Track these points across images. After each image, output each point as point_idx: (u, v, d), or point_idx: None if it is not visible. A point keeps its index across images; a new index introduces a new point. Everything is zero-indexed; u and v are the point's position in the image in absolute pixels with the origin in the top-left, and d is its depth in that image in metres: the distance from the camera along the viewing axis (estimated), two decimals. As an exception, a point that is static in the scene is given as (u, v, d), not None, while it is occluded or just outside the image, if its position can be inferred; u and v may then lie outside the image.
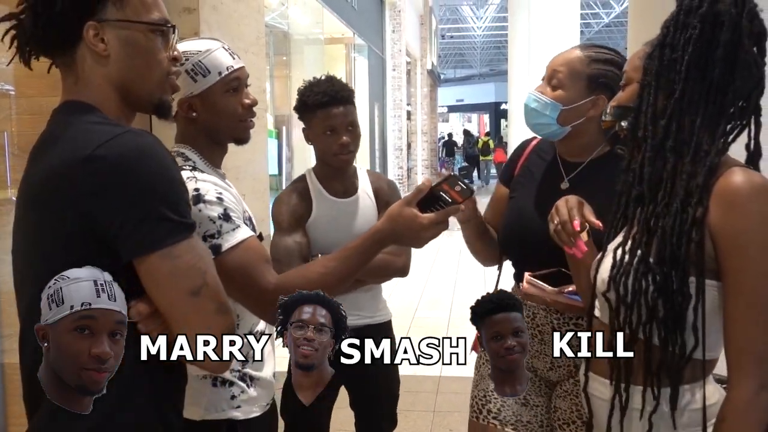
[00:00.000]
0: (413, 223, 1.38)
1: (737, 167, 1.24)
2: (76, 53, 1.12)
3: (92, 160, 0.99)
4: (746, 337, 1.19)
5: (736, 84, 1.24)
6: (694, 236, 1.21)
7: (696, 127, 1.25)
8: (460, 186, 1.37)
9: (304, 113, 2.15)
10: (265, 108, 3.72)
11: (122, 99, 1.14)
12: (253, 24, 3.39)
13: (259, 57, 3.49)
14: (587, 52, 1.79)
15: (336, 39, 9.84)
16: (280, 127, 7.11)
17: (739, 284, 1.19)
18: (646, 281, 1.25)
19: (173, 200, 1.03)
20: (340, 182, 2.20)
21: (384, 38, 12.74)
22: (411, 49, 15.47)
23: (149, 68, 1.16)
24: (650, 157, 1.29)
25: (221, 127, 1.60)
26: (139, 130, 1.07)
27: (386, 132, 12.99)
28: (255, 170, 3.40)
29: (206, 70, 1.56)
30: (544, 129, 1.82)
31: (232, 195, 1.53)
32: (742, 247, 1.19)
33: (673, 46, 1.27)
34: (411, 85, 16.58)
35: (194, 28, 2.72)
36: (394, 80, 13.20)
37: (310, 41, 8.72)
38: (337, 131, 2.09)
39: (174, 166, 1.07)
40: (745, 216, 1.19)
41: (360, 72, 11.00)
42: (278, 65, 7.61)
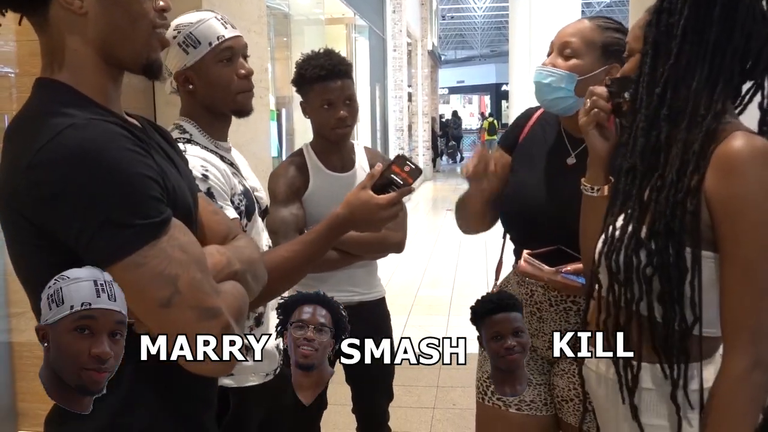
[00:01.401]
0: (370, 206, 1.40)
1: (740, 132, 1.16)
2: (49, 13, 0.99)
3: (33, 167, 0.90)
4: (741, 310, 1.13)
5: (735, 42, 1.17)
6: (689, 206, 1.15)
7: (692, 92, 1.19)
8: (409, 166, 1.41)
9: (301, 86, 2.15)
10: (267, 87, 3.72)
11: (105, 61, 1.03)
12: (255, 2, 3.38)
13: (261, 36, 3.48)
14: (597, 21, 1.76)
15: (336, 19, 9.77)
16: (280, 108, 7.09)
17: (734, 253, 1.13)
18: (637, 257, 1.20)
19: (130, 201, 0.92)
20: (337, 157, 2.20)
21: (384, 18, 12.65)
22: (411, 29, 15.36)
23: (133, 24, 1.03)
24: (644, 127, 1.23)
25: (217, 99, 1.60)
26: (86, 120, 0.94)
27: (387, 113, 12.95)
28: (257, 149, 3.41)
29: (197, 41, 1.56)
30: (561, 103, 1.74)
31: (219, 172, 1.53)
32: (738, 213, 1.12)
33: (670, 11, 1.22)
34: (412, 66, 16.49)
35: (196, 5, 2.71)
36: (395, 61, 13.14)
37: (311, 21, 8.67)
38: (334, 105, 2.09)
39: (130, 158, 0.93)
40: (742, 180, 1.12)
41: (361, 53, 10.93)
42: (279, 47, 7.57)
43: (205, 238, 1.14)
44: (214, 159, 1.56)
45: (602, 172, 1.47)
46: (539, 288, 1.77)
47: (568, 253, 1.65)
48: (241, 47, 1.62)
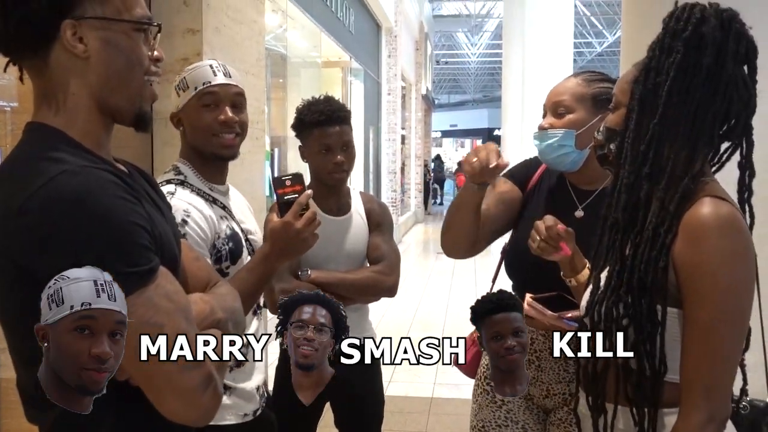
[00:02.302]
0: (288, 229, 1.44)
1: (709, 197, 1.21)
2: (50, 56, 1.00)
3: (24, 212, 0.91)
4: (697, 368, 1.18)
5: (717, 107, 1.22)
6: (661, 264, 1.20)
7: (673, 151, 1.24)
8: (288, 179, 1.45)
9: (301, 131, 2.18)
10: (263, 129, 3.76)
11: (99, 108, 1.04)
12: (254, 46, 3.44)
13: (259, 78, 3.53)
14: (582, 76, 1.83)
15: (333, 62, 9.90)
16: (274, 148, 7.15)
17: (694, 316, 1.18)
18: (617, 309, 1.25)
19: (120, 248, 0.92)
20: (333, 201, 2.22)
21: (380, 62, 12.84)
22: (406, 73, 15.58)
23: (131, 71, 1.05)
24: (627, 183, 1.28)
25: (198, 142, 1.65)
26: (78, 167, 0.95)
27: (380, 155, 13.04)
28: (253, 189, 3.43)
29: (186, 85, 1.63)
30: (565, 159, 1.79)
31: (203, 217, 1.56)
32: (699, 280, 1.18)
33: (658, 70, 1.26)
34: (406, 109, 16.67)
35: (197, 49, 2.77)
36: (389, 104, 13.28)
37: (308, 64, 8.79)
38: (332, 150, 2.12)
39: (120, 206, 0.94)
40: (704, 247, 1.18)
41: (356, 95, 11.06)
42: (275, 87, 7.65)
43: (187, 284, 1.15)
44: (201, 204, 1.58)
45: (575, 265, 1.58)
46: (540, 336, 1.79)
47: (568, 300, 1.67)
48: (229, 94, 1.66)
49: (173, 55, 1.69)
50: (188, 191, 1.58)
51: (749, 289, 1.20)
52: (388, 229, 2.26)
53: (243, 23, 3.29)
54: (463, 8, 22.83)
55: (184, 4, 2.82)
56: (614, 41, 22.61)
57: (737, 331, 1.19)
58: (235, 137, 1.68)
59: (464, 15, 23.25)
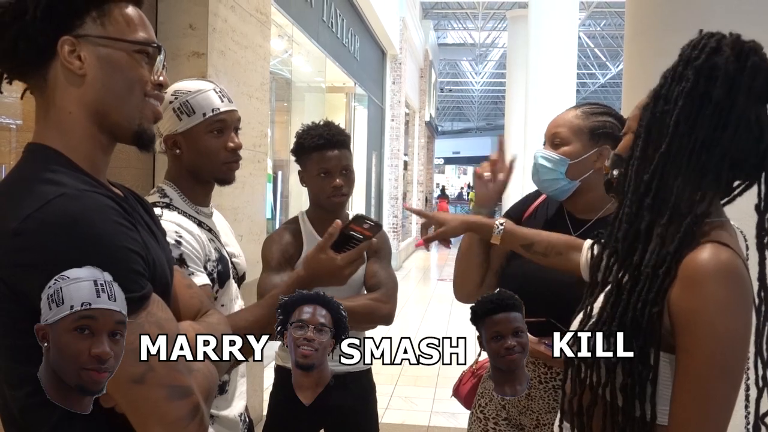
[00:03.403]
0: (331, 265, 1.45)
1: (710, 243, 1.15)
2: (48, 73, 1.01)
3: (19, 233, 0.91)
4: (686, 420, 1.12)
5: (724, 143, 1.15)
6: (655, 309, 1.14)
7: (677, 184, 1.18)
8: (368, 223, 1.46)
9: (300, 155, 2.18)
10: (266, 153, 3.77)
11: (98, 127, 1.04)
12: (259, 70, 3.47)
13: (262, 102, 3.56)
14: (582, 108, 1.84)
15: (337, 88, 9.97)
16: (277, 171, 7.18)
17: (685, 364, 1.13)
18: (608, 343, 1.19)
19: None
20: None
21: (384, 89, 12.93)
22: (410, 100, 15.69)
23: (129, 91, 1.05)
24: (629, 213, 1.23)
25: (202, 167, 1.65)
26: (77, 191, 0.95)
27: (383, 181, 13.08)
28: (253, 212, 3.43)
29: (191, 109, 1.62)
30: (554, 185, 1.81)
31: (193, 238, 1.55)
32: (693, 328, 1.11)
33: (667, 98, 1.20)
34: (409, 135, 16.75)
35: (202, 72, 2.79)
36: (393, 130, 13.35)
37: (312, 89, 8.85)
38: (331, 174, 2.12)
39: (116, 231, 0.95)
40: (700, 294, 1.11)
41: (359, 121, 11.13)
42: (279, 111, 7.71)
43: (178, 312, 1.15)
44: (190, 225, 1.58)
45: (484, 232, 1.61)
46: (529, 364, 1.77)
47: (557, 327, 1.65)
48: (234, 120, 1.67)
49: (178, 78, 1.69)
50: (175, 213, 1.58)
51: (745, 339, 1.14)
52: (386, 256, 2.25)
53: (248, 47, 3.32)
54: (467, 37, 23.08)
55: (190, 27, 2.85)
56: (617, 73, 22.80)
57: (731, 382, 1.13)
58: (238, 162, 1.69)
59: (469, 44, 23.50)
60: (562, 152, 1.79)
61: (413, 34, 14.88)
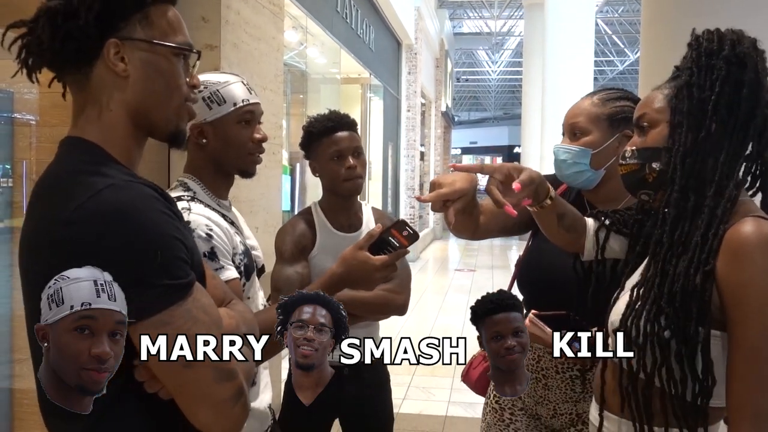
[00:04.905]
0: (366, 265, 1.46)
1: (751, 217, 1.21)
2: (92, 72, 1.04)
3: (71, 223, 0.93)
4: (744, 393, 1.15)
5: (756, 121, 1.26)
6: (700, 285, 1.19)
7: (719, 164, 1.26)
8: (407, 231, 1.46)
9: (310, 143, 2.17)
10: (280, 144, 3.78)
11: (136, 125, 1.07)
12: (272, 62, 3.47)
13: (276, 94, 3.56)
14: (598, 95, 1.81)
15: (352, 79, 9.97)
16: (294, 163, 7.18)
17: (739, 338, 1.16)
18: (658, 323, 1.23)
19: (162, 261, 0.94)
20: (345, 216, 2.20)
21: (400, 79, 12.90)
22: (426, 90, 15.64)
23: (169, 93, 1.09)
24: (676, 198, 1.28)
25: (229, 157, 1.65)
26: (124, 181, 0.98)
27: (399, 172, 13.07)
28: (269, 204, 3.44)
29: (222, 99, 1.62)
30: (580, 177, 1.78)
31: (222, 231, 1.56)
32: (744, 300, 1.16)
33: (701, 86, 1.28)
34: (425, 126, 16.71)
35: (215, 64, 2.79)
36: (409, 121, 13.32)
37: (327, 80, 8.84)
38: (343, 155, 2.10)
39: (163, 220, 0.98)
40: (749, 268, 1.16)
41: (375, 112, 11.11)
42: (294, 103, 7.72)
43: None
44: (218, 218, 1.58)
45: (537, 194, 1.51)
46: (546, 354, 1.77)
47: (576, 321, 1.65)
48: (259, 113, 1.69)
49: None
50: (201, 206, 1.58)
51: None
52: None
53: (262, 39, 3.32)
54: (483, 26, 22.95)
55: (202, 20, 2.85)
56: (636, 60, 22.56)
57: None
58: (261, 155, 1.71)
59: (485, 33, 23.35)
60: (583, 143, 1.76)
61: (428, 24, 14.81)
